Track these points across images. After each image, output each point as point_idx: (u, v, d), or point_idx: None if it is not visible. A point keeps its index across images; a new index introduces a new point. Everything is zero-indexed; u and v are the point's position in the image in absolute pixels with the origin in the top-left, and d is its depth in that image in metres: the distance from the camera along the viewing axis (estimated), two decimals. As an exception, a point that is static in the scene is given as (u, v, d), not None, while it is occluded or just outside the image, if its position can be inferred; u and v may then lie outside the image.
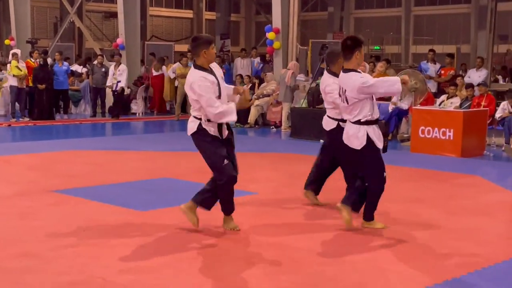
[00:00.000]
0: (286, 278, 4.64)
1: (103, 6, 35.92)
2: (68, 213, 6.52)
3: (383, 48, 33.93)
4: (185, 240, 5.56)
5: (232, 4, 37.37)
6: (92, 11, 35.73)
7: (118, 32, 20.29)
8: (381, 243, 5.60)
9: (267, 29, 16.87)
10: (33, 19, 29.94)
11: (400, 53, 34.79)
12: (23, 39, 21.06)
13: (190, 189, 7.92)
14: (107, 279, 4.54)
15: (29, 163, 9.69)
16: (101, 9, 36.23)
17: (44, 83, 16.30)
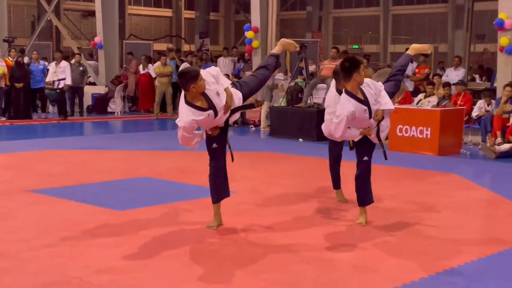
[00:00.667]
0: (267, 276, 4.64)
1: (81, 4, 35.65)
2: (45, 213, 6.47)
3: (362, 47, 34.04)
4: (163, 240, 5.54)
5: (211, 3, 37.32)
6: (70, 9, 35.45)
7: (96, 31, 20.16)
8: (361, 242, 5.62)
9: (246, 28, 16.88)
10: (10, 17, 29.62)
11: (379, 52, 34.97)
12: (0, 37, 20.83)
13: (169, 188, 7.94)
14: (84, 279, 4.51)
15: (5, 163, 9.60)
16: (79, 8, 35.95)
17: (21, 82, 16.14)
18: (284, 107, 14.14)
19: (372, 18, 36.91)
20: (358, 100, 5.90)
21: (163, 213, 6.51)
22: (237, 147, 6.35)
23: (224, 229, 5.93)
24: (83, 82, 17.70)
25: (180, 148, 9.68)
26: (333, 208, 6.96)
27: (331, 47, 16.82)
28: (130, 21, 37.73)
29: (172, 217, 6.35)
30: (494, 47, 19.85)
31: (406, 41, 32.60)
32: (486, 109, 12.54)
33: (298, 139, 13.02)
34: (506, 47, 12.85)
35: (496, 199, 7.69)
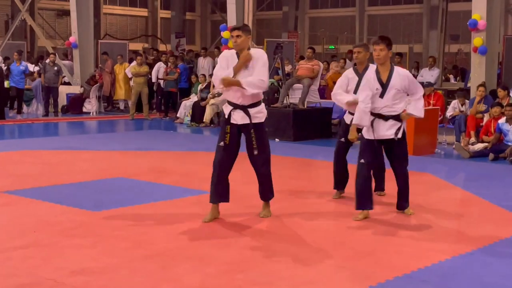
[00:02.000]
0: (241, 276, 4.64)
1: (55, 4, 35.35)
2: (18, 214, 6.39)
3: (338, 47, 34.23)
4: (138, 241, 5.51)
5: (187, 3, 37.24)
6: (45, 8, 35.13)
7: (71, 30, 20.00)
8: (334, 241, 5.65)
9: (222, 28, 16.86)
10: (-17, 16, 29.27)
11: (354, 52, 35.15)
12: (-27, 37, 20.59)
13: (144, 189, 7.89)
14: (58, 281, 4.47)
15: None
16: (54, 7, 35.66)
17: (-6, 82, 15.96)
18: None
19: (348, 18, 37.15)
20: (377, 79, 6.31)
21: (138, 214, 6.47)
22: (213, 147, 6.33)
23: (200, 230, 5.92)
24: (57, 82, 17.54)
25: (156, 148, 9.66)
26: (309, 207, 6.98)
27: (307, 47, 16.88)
28: (105, 20, 37.53)
29: (147, 218, 6.32)
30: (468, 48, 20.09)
31: (381, 41, 32.88)
32: (460, 109, 12.67)
33: (275, 139, 13.03)
34: (480, 47, 13.00)
35: (470, 198, 7.77)
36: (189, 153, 11.21)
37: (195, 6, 41.35)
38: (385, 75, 6.31)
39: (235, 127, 6.12)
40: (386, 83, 6.28)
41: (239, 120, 6.08)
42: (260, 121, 6.14)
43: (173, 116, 17.13)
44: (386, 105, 6.30)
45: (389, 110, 6.32)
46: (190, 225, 6.04)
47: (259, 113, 6.13)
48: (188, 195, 7.48)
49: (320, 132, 13.36)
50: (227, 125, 6.13)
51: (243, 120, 6.07)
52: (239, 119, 6.08)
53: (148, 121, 16.72)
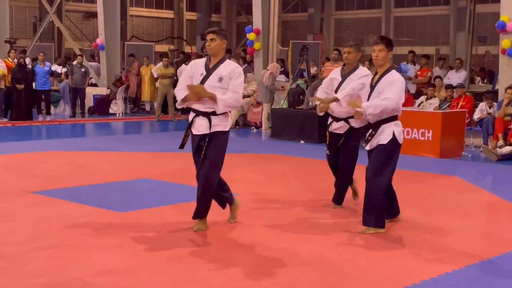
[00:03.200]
0: (266, 279, 4.63)
1: (83, 6, 35.69)
2: (45, 214, 6.46)
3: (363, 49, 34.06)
4: (164, 241, 5.53)
5: (213, 5, 37.35)
6: (72, 11, 35.48)
7: (98, 32, 20.17)
8: (360, 244, 5.61)
9: (247, 29, 16.88)
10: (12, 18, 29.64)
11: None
12: (2, 38, 20.86)
13: (169, 190, 7.93)
14: (85, 281, 4.50)
15: (6, 164, 9.59)
16: (81, 9, 36.00)
17: (22, 83, 16.15)
18: (286, 109, 14.14)
19: (374, 20, 36.91)
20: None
21: (164, 215, 6.51)
22: (238, 149, 6.33)
23: (225, 231, 5.92)
24: (84, 84, 17.70)
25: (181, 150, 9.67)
26: (333, 211, 6.94)
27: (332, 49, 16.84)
28: (132, 22, 37.77)
29: (172, 219, 6.34)
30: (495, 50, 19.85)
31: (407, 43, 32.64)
32: (488, 112, 12.52)
33: (300, 141, 13.01)
34: (508, 49, 12.83)
35: (498, 202, 7.68)
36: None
37: (221, 8, 41.46)
38: (376, 78, 5.98)
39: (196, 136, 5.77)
40: (374, 85, 5.98)
41: (200, 130, 5.72)
42: (224, 129, 5.75)
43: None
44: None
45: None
46: (214, 227, 6.04)
47: (223, 121, 5.74)
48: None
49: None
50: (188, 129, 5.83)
51: (204, 130, 5.71)
52: (200, 128, 5.73)
53: (174, 122, 16.80)
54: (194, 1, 38.06)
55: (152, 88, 18.75)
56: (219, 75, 5.70)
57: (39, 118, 16.87)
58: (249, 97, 15.78)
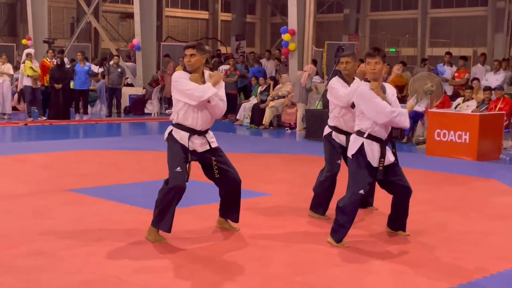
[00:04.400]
0: (300, 279, 4.62)
1: (119, 6, 36.07)
2: (82, 212, 6.54)
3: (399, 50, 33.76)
4: (199, 241, 5.56)
5: (248, 6, 37.41)
6: (109, 11, 35.88)
7: (134, 32, 20.37)
8: (396, 247, 5.56)
9: (282, 30, 16.87)
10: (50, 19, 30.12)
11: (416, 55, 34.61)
12: (40, 39, 21.22)
13: (204, 189, 7.95)
14: (121, 278, 4.55)
15: (44, 162, 9.74)
16: (118, 10, 36.37)
17: (60, 83, 16.39)
18: (320, 109, 14.08)
19: (410, 21, 36.55)
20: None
21: (199, 214, 6.54)
22: (272, 149, 6.32)
23: (259, 232, 5.92)
24: (121, 83, 17.91)
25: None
26: (367, 212, 6.90)
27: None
28: (167, 23, 38.03)
29: (207, 218, 6.37)
30: (535, 51, 19.49)
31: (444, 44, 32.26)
32: (527, 114, 12.31)
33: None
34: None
35: (537, 206, 7.54)
36: (248, 155, 11.23)
37: (256, 9, 41.50)
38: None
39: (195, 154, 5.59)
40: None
41: (199, 148, 5.57)
42: (217, 145, 5.68)
43: (232, 118, 17.24)
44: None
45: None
46: (249, 227, 6.06)
47: (213, 137, 5.70)
48: (247, 197, 7.49)
49: (380, 136, 13.19)
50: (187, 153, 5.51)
51: (202, 147, 5.59)
52: (199, 147, 5.58)
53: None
54: (229, 2, 38.19)
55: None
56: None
57: (76, 117, 17.11)
58: (284, 98, 15.77)
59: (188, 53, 5.53)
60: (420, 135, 13.09)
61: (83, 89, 17.51)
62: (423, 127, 13.04)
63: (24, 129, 14.96)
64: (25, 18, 23.56)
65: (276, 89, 16.21)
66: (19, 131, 14.66)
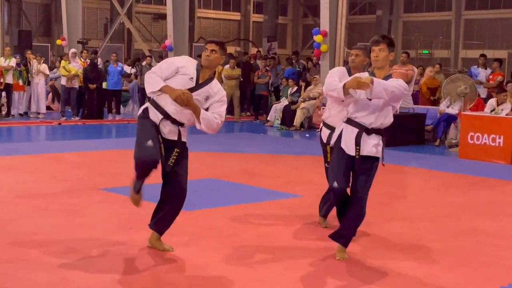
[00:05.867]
0: (332, 281, 4.61)
1: (152, 7, 36.35)
2: (114, 211, 6.62)
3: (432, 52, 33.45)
4: (228, 241, 5.58)
5: (280, 7, 37.40)
6: (141, 12, 36.19)
7: (167, 33, 20.51)
8: (427, 251, 5.52)
9: (314, 32, 16.83)
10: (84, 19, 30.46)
11: (450, 57, 34.25)
12: (74, 39, 21.48)
13: (233, 190, 7.99)
14: (155, 277, 4.59)
15: (77, 161, 9.87)
16: (150, 11, 36.66)
17: (94, 83, 16.58)
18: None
19: (443, 22, 36.17)
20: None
21: (228, 215, 6.56)
22: (303, 151, 6.31)
23: (287, 233, 5.92)
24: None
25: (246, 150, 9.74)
26: (399, 213, 6.85)
27: (401, 51, 16.60)
28: (199, 24, 38.22)
29: (237, 219, 6.39)
30: None
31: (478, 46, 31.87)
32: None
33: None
34: None
35: None
36: (278, 156, 11.24)
37: (287, 10, 41.48)
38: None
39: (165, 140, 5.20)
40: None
41: (167, 134, 5.21)
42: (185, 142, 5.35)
43: (263, 119, 17.26)
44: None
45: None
46: (279, 228, 6.06)
47: (186, 135, 5.35)
48: (277, 198, 7.52)
49: (413, 138, 13.12)
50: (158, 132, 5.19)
51: (170, 135, 5.23)
52: (167, 133, 5.20)
53: (239, 123, 16.92)
54: (261, 3, 38.24)
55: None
56: (207, 92, 5.13)
57: (109, 117, 17.29)
58: (315, 100, 15.74)
59: (210, 47, 5.09)
60: (453, 138, 12.95)
61: (116, 89, 17.69)
62: (456, 129, 12.90)
63: (58, 128, 15.17)
64: (60, 19, 23.85)
65: (308, 91, 16.18)
66: (53, 130, 14.87)
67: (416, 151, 12.04)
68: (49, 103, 18.88)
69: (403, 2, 37.50)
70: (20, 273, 4.57)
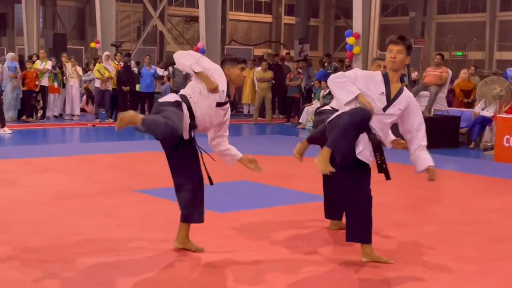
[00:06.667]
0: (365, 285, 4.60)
1: (184, 10, 36.63)
2: (149, 212, 6.68)
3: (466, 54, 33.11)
4: (262, 244, 5.59)
5: (311, 9, 37.36)
6: (174, 15, 36.49)
7: (199, 36, 20.62)
8: (462, 255, 5.46)
9: (347, 34, 16.77)
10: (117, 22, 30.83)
11: (484, 59, 33.84)
12: (108, 42, 21.71)
13: (267, 192, 8.00)
14: (188, 278, 4.62)
15: (112, 163, 9.98)
16: (182, 13, 36.94)
17: (128, 85, 16.74)
18: (385, 114, 13.92)
19: (478, 24, 35.77)
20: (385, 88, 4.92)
21: (262, 217, 6.57)
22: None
23: (321, 236, 5.91)
24: (185, 86, 18.11)
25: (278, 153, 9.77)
26: (435, 217, 6.79)
27: (433, 53, 16.46)
28: (231, 26, 38.37)
29: (270, 221, 6.40)
30: None
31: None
32: None
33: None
34: None
35: None
36: (311, 159, 11.20)
37: (319, 12, 41.41)
38: (396, 87, 4.94)
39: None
40: (393, 99, 4.94)
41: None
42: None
43: (295, 121, 17.25)
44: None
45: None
46: (311, 231, 6.06)
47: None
48: (309, 201, 7.50)
49: (447, 141, 12.98)
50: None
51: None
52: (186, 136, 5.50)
53: (271, 126, 16.93)
54: (292, 5, 38.24)
55: (252, 91, 18.98)
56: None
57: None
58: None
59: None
60: (488, 141, 12.79)
61: (149, 92, 17.83)
62: (491, 132, 12.73)
63: (92, 130, 15.36)
64: (94, 22, 24.15)
65: (340, 93, 16.09)
66: (87, 132, 15.06)
67: (450, 154, 11.92)
68: (83, 105, 19.12)
69: (436, 3, 37.17)
70: (58, 273, 4.64)
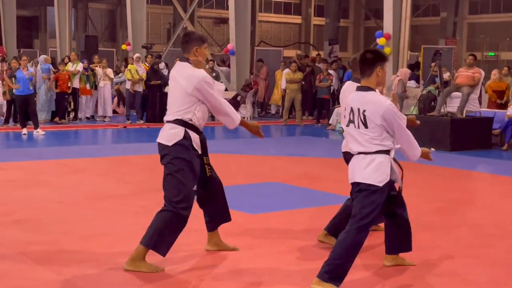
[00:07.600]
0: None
1: (213, 12, 36.76)
2: (179, 213, 6.70)
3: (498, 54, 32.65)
4: (293, 245, 5.58)
5: (341, 10, 37.20)
6: (203, 17, 36.64)
7: (229, 37, 20.69)
8: (495, 258, 5.38)
9: (377, 34, 16.66)
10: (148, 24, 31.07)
11: (517, 59, 33.34)
12: (139, 44, 21.90)
13: (298, 194, 7.99)
14: (216, 279, 4.64)
15: (143, 164, 10.06)
16: (212, 15, 37.08)
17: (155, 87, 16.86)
18: (416, 115, 13.80)
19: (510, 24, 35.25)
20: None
21: (293, 219, 6.56)
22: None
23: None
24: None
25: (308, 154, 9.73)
26: (465, 220, 6.71)
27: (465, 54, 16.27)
28: (261, 28, 38.39)
29: (300, 223, 6.39)
30: None
31: (547, 48, 30.91)
32: None
33: (430, 149, 12.63)
34: None
35: None
36: (341, 160, 11.15)
37: (349, 13, 41.22)
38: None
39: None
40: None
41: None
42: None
43: (325, 122, 17.20)
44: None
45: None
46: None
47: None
48: (339, 202, 7.43)
49: (479, 143, 12.83)
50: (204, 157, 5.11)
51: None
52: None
53: (300, 127, 16.90)
54: (322, 6, 38.13)
55: (282, 92, 18.98)
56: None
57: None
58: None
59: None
60: (521, 143, 12.61)
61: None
62: (524, 134, 12.56)
63: (123, 131, 15.50)
64: (125, 24, 24.38)
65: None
66: (119, 133, 15.20)
67: (483, 155, 11.77)
68: (115, 106, 19.31)
69: (468, 3, 36.73)
70: (91, 273, 4.69)
